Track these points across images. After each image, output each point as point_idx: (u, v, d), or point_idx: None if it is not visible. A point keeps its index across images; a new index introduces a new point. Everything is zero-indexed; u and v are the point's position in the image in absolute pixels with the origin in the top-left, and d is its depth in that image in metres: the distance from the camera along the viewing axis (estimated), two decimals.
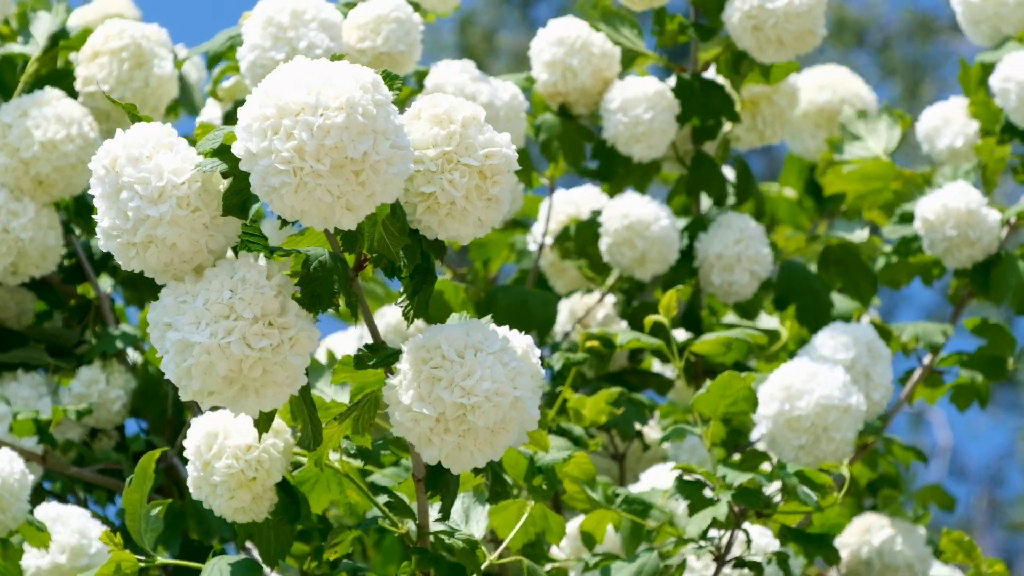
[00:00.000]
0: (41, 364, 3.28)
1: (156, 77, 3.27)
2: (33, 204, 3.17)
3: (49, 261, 3.20)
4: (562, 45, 3.34)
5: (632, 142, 3.30)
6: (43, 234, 3.17)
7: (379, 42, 3.15)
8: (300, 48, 3.06)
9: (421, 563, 2.30)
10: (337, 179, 1.91)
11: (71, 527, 2.76)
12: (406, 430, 2.06)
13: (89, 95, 3.26)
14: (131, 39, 3.24)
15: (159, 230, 1.99)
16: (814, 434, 2.99)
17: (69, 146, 3.14)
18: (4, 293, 3.35)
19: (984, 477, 9.94)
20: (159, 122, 3.21)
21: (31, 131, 3.13)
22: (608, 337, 3.01)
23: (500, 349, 2.06)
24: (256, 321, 1.99)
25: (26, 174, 3.15)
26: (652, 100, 3.29)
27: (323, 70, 1.94)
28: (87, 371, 3.24)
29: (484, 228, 2.10)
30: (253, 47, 3.08)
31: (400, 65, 3.18)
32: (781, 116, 3.45)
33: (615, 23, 3.36)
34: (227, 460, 2.29)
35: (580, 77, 3.34)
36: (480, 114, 2.10)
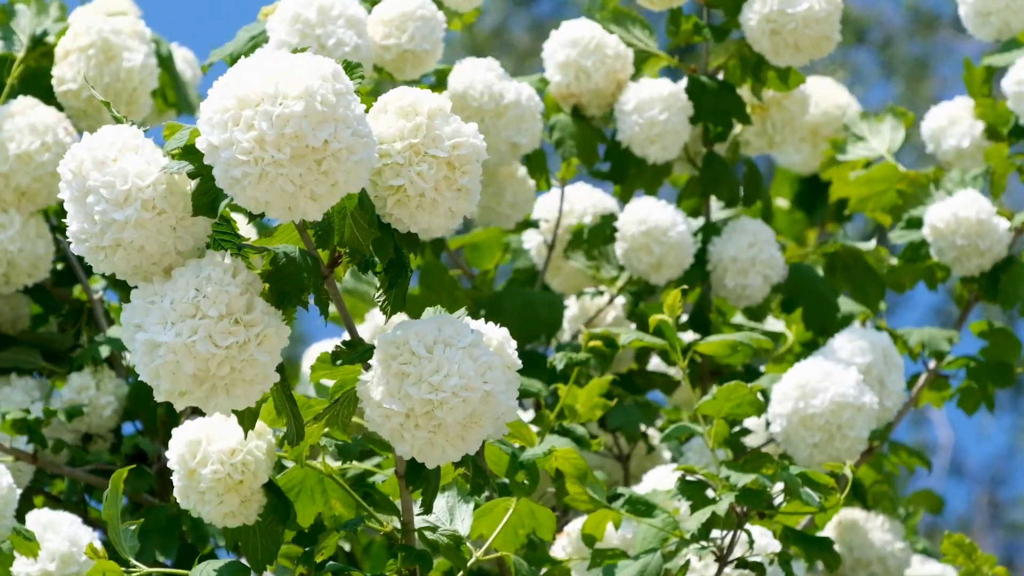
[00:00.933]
0: (34, 368, 3.25)
1: (125, 71, 3.21)
2: (19, 215, 3.14)
3: (40, 270, 3.18)
4: (576, 46, 3.30)
5: (647, 143, 3.27)
6: (32, 244, 3.15)
7: (404, 39, 3.14)
8: (328, 45, 3.04)
9: (406, 560, 2.27)
10: (299, 168, 1.88)
11: (62, 535, 2.73)
12: (378, 426, 2.03)
13: (63, 95, 3.23)
14: (98, 34, 3.20)
15: (125, 233, 1.97)
16: (828, 432, 2.97)
17: (45, 155, 3.11)
18: None
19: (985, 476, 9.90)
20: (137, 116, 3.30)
21: (6, 144, 3.10)
22: (611, 337, 2.99)
23: (470, 343, 2.03)
24: (222, 319, 1.96)
25: (7, 186, 3.12)
26: (667, 101, 3.26)
27: (282, 61, 1.91)
28: (77, 378, 3.21)
29: (455, 219, 2.07)
30: (280, 44, 3.06)
31: (423, 63, 3.17)
32: (792, 122, 3.42)
33: (626, 24, 3.33)
34: (213, 466, 2.26)
35: (594, 79, 3.30)
36: (446, 105, 2.07)
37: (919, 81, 10.63)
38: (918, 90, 10.60)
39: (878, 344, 3.13)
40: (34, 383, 3.21)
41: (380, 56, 3.16)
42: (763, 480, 2.52)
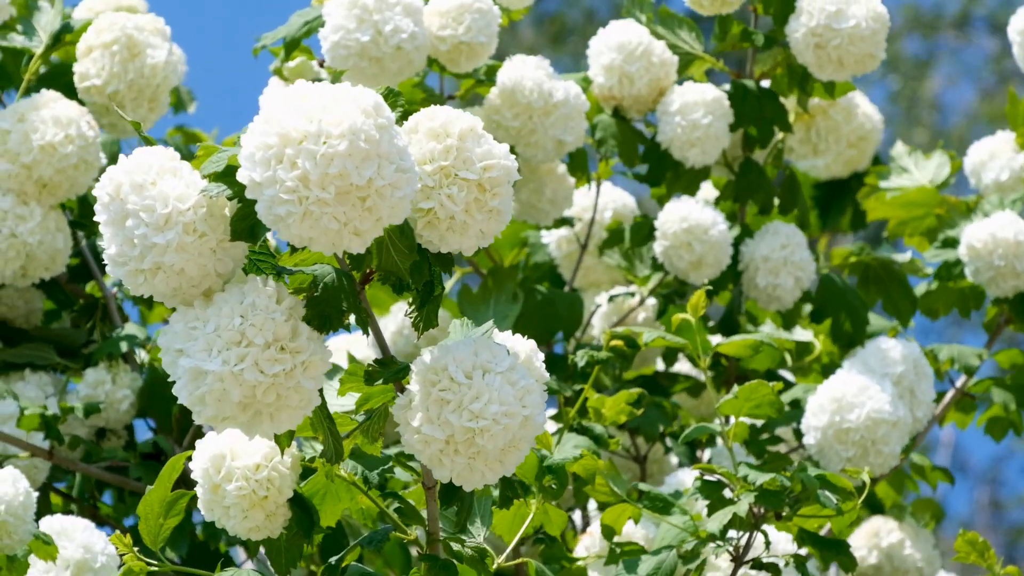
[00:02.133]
0: (49, 363, 3.25)
1: (149, 67, 3.21)
2: (39, 208, 3.14)
3: (58, 263, 3.18)
4: (622, 51, 3.29)
5: (688, 147, 3.27)
6: (51, 237, 3.15)
7: (460, 31, 3.14)
8: (385, 32, 3.04)
9: (431, 570, 2.27)
10: (343, 206, 1.87)
11: (76, 541, 2.73)
12: (417, 451, 2.03)
13: (86, 91, 3.23)
14: (122, 31, 3.20)
15: (166, 257, 1.96)
16: (863, 447, 3.00)
17: (69, 147, 3.11)
18: (13, 292, 3.32)
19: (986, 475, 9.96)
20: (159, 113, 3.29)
21: (29, 135, 3.10)
22: (632, 336, 3.01)
23: (508, 368, 2.03)
24: (268, 347, 1.96)
25: (29, 178, 3.12)
26: (710, 106, 3.25)
27: (323, 95, 1.90)
28: (93, 373, 3.22)
29: (486, 240, 2.06)
30: (337, 28, 3.06)
31: (478, 56, 3.17)
32: (836, 131, 3.42)
33: (673, 26, 3.32)
34: (237, 483, 2.26)
35: (637, 85, 3.30)
36: (478, 125, 2.05)
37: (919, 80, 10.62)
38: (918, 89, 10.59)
39: (910, 354, 3.14)
40: (48, 378, 3.21)
41: (435, 47, 3.16)
42: (781, 480, 2.54)
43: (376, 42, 3.07)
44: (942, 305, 3.44)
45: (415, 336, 3.46)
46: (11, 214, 3.12)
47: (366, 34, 3.05)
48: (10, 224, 3.12)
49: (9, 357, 3.25)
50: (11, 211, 3.12)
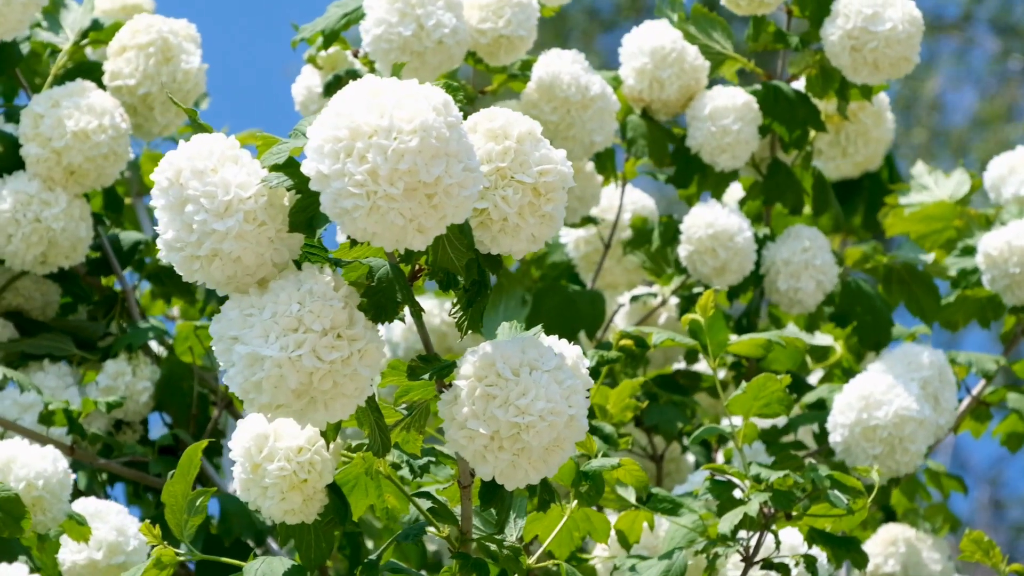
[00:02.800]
0: (67, 355, 3.25)
1: (183, 72, 3.24)
2: (65, 195, 3.14)
3: (79, 252, 3.18)
4: (655, 56, 3.31)
5: (718, 152, 3.28)
6: (74, 225, 3.15)
7: (500, 24, 3.15)
8: (428, 26, 3.06)
9: (463, 568, 2.27)
10: (410, 202, 1.88)
11: (109, 523, 2.74)
12: (460, 446, 2.03)
13: (116, 89, 3.23)
14: (158, 34, 3.22)
15: (225, 244, 1.97)
16: (890, 444, 3.01)
17: (101, 136, 3.11)
18: (30, 284, 3.32)
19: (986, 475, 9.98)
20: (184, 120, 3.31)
21: (63, 121, 3.10)
22: (642, 337, 3.02)
23: (555, 367, 2.04)
24: (326, 333, 1.96)
25: (58, 164, 3.12)
26: (740, 111, 3.27)
27: (394, 90, 1.90)
28: (113, 364, 3.22)
29: (537, 244, 2.07)
30: (379, 21, 3.07)
31: (517, 49, 3.19)
32: (866, 135, 3.44)
33: (705, 26, 3.33)
34: (279, 463, 2.25)
35: (668, 90, 3.32)
36: (536, 129, 2.06)
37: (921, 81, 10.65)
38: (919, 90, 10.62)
39: (935, 361, 3.15)
40: (67, 369, 3.20)
41: (475, 40, 3.17)
42: (793, 479, 2.54)
43: (418, 36, 3.08)
44: (961, 316, 3.45)
45: None
46: (36, 199, 3.12)
47: (408, 28, 3.07)
48: (35, 209, 3.12)
49: (28, 348, 3.24)
50: (37, 196, 3.12)
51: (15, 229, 3.12)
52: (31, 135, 3.12)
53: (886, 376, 3.03)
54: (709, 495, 2.62)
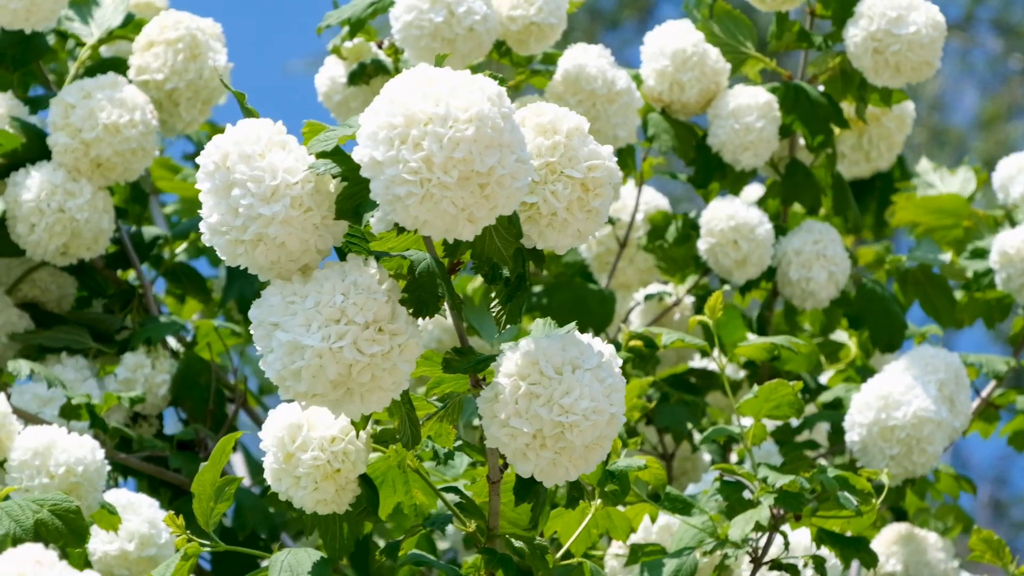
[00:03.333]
0: (85, 348, 3.22)
1: (210, 69, 3.22)
2: (89, 186, 3.11)
3: (100, 244, 3.14)
4: (675, 59, 3.29)
5: (740, 150, 3.26)
6: (98, 217, 3.12)
7: (532, 12, 3.14)
8: (458, 13, 3.04)
9: (489, 564, 2.26)
10: (463, 191, 1.86)
11: (142, 516, 2.71)
12: (501, 444, 2.02)
13: (143, 84, 3.21)
14: (187, 30, 3.20)
15: (271, 229, 1.94)
16: (908, 445, 2.99)
17: (132, 131, 3.08)
18: (46, 276, 3.29)
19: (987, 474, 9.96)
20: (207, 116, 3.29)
21: (96, 113, 3.07)
22: (650, 337, 3.00)
23: (597, 365, 2.02)
24: (368, 327, 1.94)
25: (85, 155, 3.09)
26: (763, 110, 3.25)
27: (449, 79, 1.89)
28: (132, 357, 3.18)
29: (582, 240, 2.05)
30: (410, 8, 3.05)
31: (547, 37, 3.17)
32: (889, 139, 3.42)
33: (728, 24, 3.31)
34: (313, 452, 2.23)
35: (688, 93, 3.30)
36: (584, 125, 2.04)
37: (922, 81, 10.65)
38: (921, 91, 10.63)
39: (951, 363, 3.13)
40: (84, 362, 3.17)
41: (505, 28, 3.15)
42: (801, 482, 2.53)
43: (449, 23, 3.06)
44: (968, 315, 3.44)
45: None
46: (61, 189, 3.09)
47: (439, 15, 3.05)
48: (59, 199, 3.08)
49: (46, 340, 3.21)
50: (61, 186, 3.09)
51: (38, 218, 3.09)
52: (60, 124, 3.10)
53: (905, 377, 3.02)
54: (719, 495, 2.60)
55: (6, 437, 2.56)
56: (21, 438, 2.56)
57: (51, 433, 2.56)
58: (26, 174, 3.11)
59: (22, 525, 2.28)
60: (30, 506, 2.32)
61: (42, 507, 2.33)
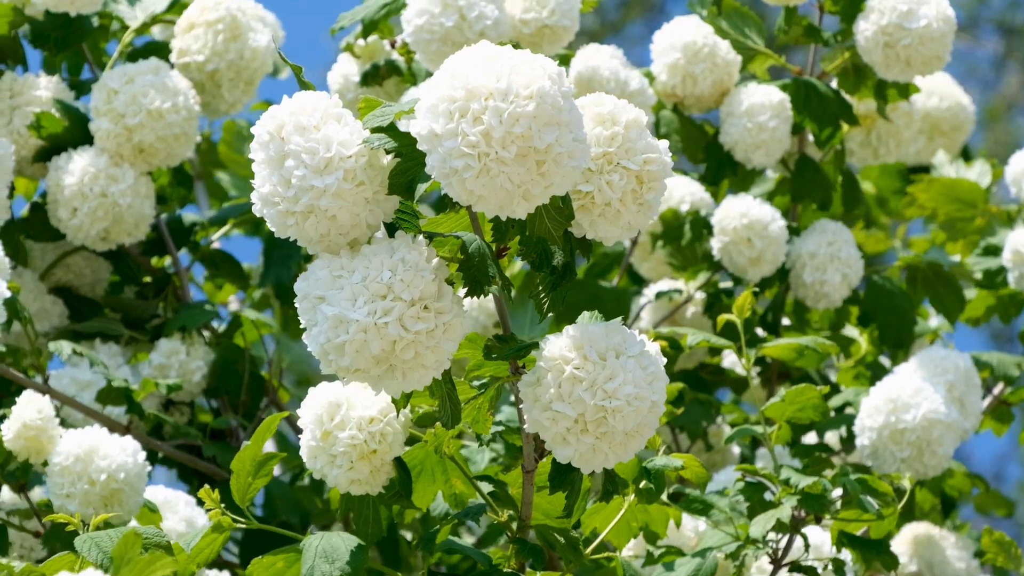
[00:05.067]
0: (118, 335, 3.18)
1: (251, 50, 3.19)
2: (132, 171, 3.08)
3: (141, 229, 3.11)
4: (687, 51, 3.26)
5: (753, 149, 3.23)
6: (140, 202, 3.09)
7: (544, 14, 3.11)
8: (470, 17, 3.01)
9: (520, 554, 2.23)
10: (520, 168, 1.83)
11: (179, 514, 2.67)
12: (543, 428, 1.98)
13: (184, 66, 3.18)
14: (227, 11, 3.18)
15: (322, 201, 1.91)
16: (918, 447, 2.95)
17: (174, 116, 3.06)
18: (81, 261, 3.26)
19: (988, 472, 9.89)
20: (251, 96, 3.27)
21: (139, 98, 3.04)
22: (676, 338, 2.97)
23: (640, 352, 1.99)
24: (414, 304, 1.92)
25: (128, 141, 3.06)
26: (776, 109, 3.22)
27: (511, 56, 1.86)
28: (167, 343, 3.14)
29: (631, 231, 2.03)
30: (421, 12, 3.02)
31: (560, 39, 3.14)
32: (897, 135, 3.39)
33: (736, 20, 3.28)
34: (351, 431, 2.20)
35: (700, 85, 3.27)
36: (643, 118, 2.02)
37: None
38: None
39: (961, 365, 3.10)
40: (118, 348, 3.14)
41: (518, 31, 3.12)
42: (823, 484, 2.49)
43: (460, 27, 3.04)
44: (983, 313, 3.41)
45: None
46: (104, 173, 3.06)
47: (451, 19, 3.02)
48: (102, 184, 3.05)
49: (80, 328, 3.18)
50: (105, 171, 3.06)
51: (81, 203, 3.06)
52: (103, 110, 3.07)
53: (913, 379, 2.98)
54: (740, 496, 2.57)
55: (48, 441, 2.53)
56: (63, 442, 2.53)
57: (92, 437, 2.53)
58: (68, 158, 3.08)
59: (109, 555, 2.24)
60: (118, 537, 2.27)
61: None
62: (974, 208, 3.45)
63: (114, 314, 3.27)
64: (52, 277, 3.27)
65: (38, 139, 3.12)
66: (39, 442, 2.52)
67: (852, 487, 2.50)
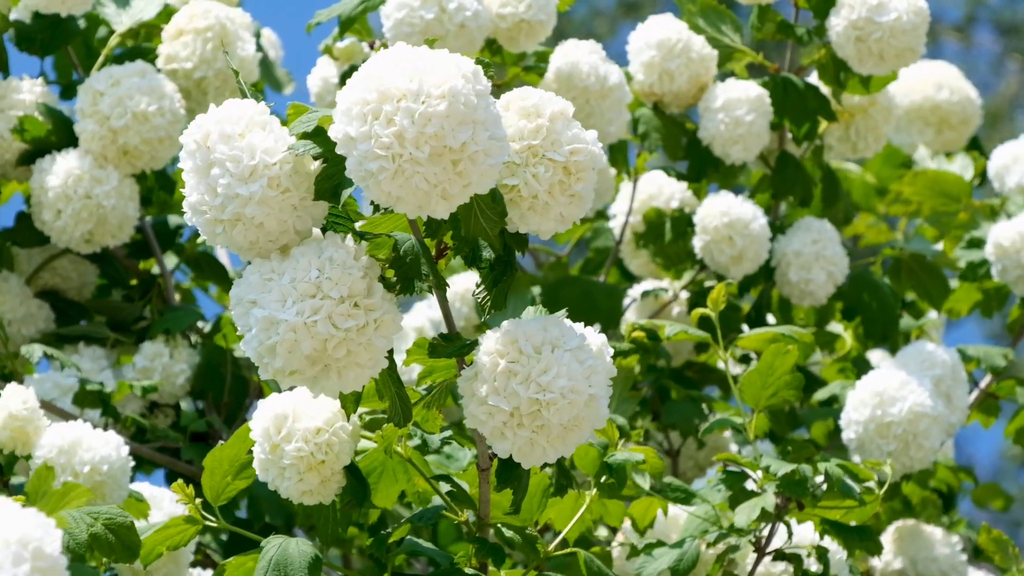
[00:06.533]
0: (102, 338, 3.19)
1: (239, 59, 3.20)
2: (116, 173, 3.09)
3: (125, 231, 3.11)
4: (661, 48, 3.25)
5: (730, 143, 3.22)
6: (124, 204, 3.09)
7: (521, 9, 3.11)
8: (449, 9, 3.01)
9: (480, 553, 2.22)
10: (435, 167, 1.82)
11: (164, 511, 2.67)
12: (480, 423, 1.98)
13: (171, 72, 3.18)
14: (216, 20, 3.18)
15: (248, 209, 1.91)
16: (904, 441, 2.95)
17: (160, 119, 3.06)
18: (67, 264, 3.26)
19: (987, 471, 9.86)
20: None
21: (124, 101, 3.05)
22: (654, 329, 2.96)
23: (577, 346, 1.98)
24: (343, 301, 1.91)
25: (113, 143, 3.07)
26: (754, 103, 3.21)
27: (425, 57, 1.85)
28: (151, 346, 3.15)
29: (565, 224, 2.01)
30: (401, 5, 3.02)
31: (537, 34, 3.13)
32: (876, 130, 3.37)
33: (714, 18, 3.26)
34: (297, 443, 2.20)
35: (677, 81, 3.26)
36: (569, 110, 2.00)
37: None
38: None
39: (948, 359, 3.09)
40: (101, 352, 3.14)
41: (495, 25, 3.11)
42: (804, 470, 2.48)
43: (440, 20, 3.03)
44: (964, 306, 3.40)
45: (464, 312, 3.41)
46: (88, 175, 3.06)
47: (431, 11, 3.02)
48: (86, 185, 3.06)
49: (64, 331, 3.19)
50: (89, 172, 3.06)
51: (65, 204, 3.07)
52: (89, 111, 3.08)
53: (899, 372, 2.98)
54: (721, 485, 2.56)
55: (33, 433, 2.53)
56: (47, 435, 2.54)
57: (76, 430, 2.53)
58: (52, 160, 3.09)
59: (76, 539, 2.24)
60: (84, 519, 2.26)
61: (96, 520, 2.27)
62: (958, 202, 3.43)
63: (100, 317, 3.26)
64: (39, 281, 3.28)
65: (21, 143, 3.12)
66: (25, 433, 2.52)
67: (833, 472, 2.48)
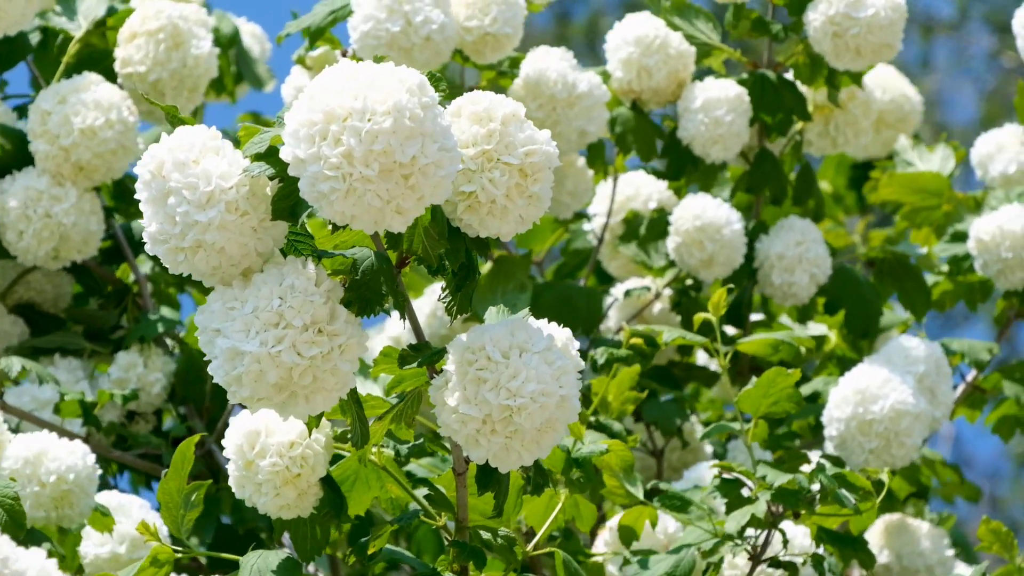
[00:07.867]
0: (78, 349, 3.18)
1: (193, 57, 3.16)
2: (75, 189, 3.07)
3: (90, 246, 3.11)
4: (639, 45, 3.23)
5: (710, 143, 3.20)
6: (85, 219, 3.08)
7: (487, 22, 3.08)
8: (416, 22, 2.99)
9: (459, 557, 2.22)
10: (386, 183, 1.82)
11: (132, 518, 2.68)
12: (453, 431, 1.98)
13: (127, 77, 3.16)
14: (168, 20, 3.14)
15: (208, 235, 1.91)
16: (886, 438, 2.94)
17: (108, 132, 3.04)
18: (41, 277, 3.25)
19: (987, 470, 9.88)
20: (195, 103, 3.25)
21: (70, 118, 3.03)
22: (652, 336, 2.95)
23: (545, 348, 1.98)
24: (306, 329, 1.91)
25: (66, 160, 3.05)
26: (733, 103, 3.19)
27: (369, 73, 1.85)
28: (125, 356, 3.14)
29: (525, 225, 2.01)
30: (367, 17, 3.00)
31: (503, 47, 3.11)
32: (855, 124, 3.35)
33: (690, 16, 3.25)
34: (271, 458, 2.20)
35: (655, 78, 3.23)
36: (520, 111, 2.00)
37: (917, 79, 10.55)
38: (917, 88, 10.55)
39: (931, 354, 3.08)
40: (78, 363, 3.13)
41: (461, 38, 3.10)
42: (799, 480, 2.47)
43: (406, 32, 3.02)
44: (949, 298, 3.39)
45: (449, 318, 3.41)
46: (46, 194, 3.06)
47: (396, 24, 3.00)
48: (45, 205, 3.05)
49: (39, 344, 3.19)
50: (46, 192, 3.06)
51: (26, 225, 3.06)
52: (39, 132, 3.06)
53: (882, 370, 2.97)
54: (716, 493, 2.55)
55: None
56: (12, 446, 2.54)
57: (41, 441, 2.54)
58: (12, 180, 3.09)
59: None
60: None
61: None
62: (939, 197, 3.42)
63: (77, 327, 3.26)
64: (14, 295, 3.28)
65: None
66: None
67: (829, 483, 2.48)
